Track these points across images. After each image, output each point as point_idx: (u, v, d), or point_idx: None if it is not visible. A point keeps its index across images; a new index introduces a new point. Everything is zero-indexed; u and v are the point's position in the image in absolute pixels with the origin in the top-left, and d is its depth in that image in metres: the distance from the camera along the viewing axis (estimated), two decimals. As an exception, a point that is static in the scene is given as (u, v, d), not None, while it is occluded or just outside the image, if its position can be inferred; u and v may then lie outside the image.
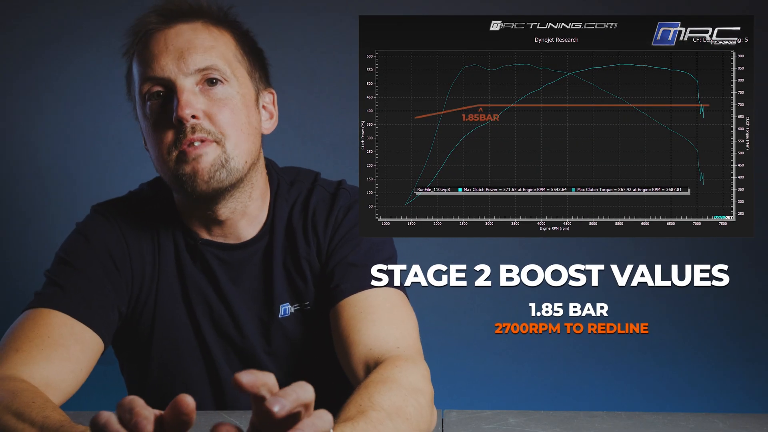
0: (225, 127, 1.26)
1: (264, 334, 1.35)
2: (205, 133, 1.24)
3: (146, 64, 1.26)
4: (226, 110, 1.26)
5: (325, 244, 1.33)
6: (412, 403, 1.07)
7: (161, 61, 1.25)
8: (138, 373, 1.39)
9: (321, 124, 2.47)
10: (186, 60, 1.25)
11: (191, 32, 1.27)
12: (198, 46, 1.26)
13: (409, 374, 1.12)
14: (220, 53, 1.27)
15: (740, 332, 2.56)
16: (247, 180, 1.30)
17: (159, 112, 1.26)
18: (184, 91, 1.24)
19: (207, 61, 1.26)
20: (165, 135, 1.25)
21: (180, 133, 1.24)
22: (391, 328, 1.23)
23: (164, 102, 1.25)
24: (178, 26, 1.27)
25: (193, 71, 1.25)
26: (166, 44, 1.26)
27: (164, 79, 1.25)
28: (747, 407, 2.50)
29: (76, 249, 1.30)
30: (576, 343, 2.52)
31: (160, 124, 1.25)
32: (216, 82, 1.26)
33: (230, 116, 1.26)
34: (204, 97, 1.25)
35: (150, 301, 1.33)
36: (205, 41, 1.27)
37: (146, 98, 1.26)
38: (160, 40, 1.26)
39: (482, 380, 2.56)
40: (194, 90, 1.25)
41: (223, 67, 1.27)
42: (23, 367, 1.15)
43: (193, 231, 1.33)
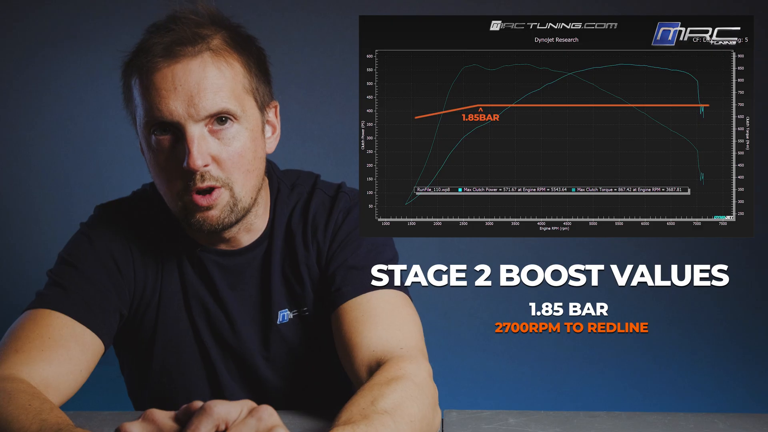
0: (233, 171, 1.23)
1: (262, 340, 1.35)
2: (214, 181, 1.22)
3: (152, 103, 1.21)
4: (234, 153, 1.23)
5: (325, 248, 1.33)
6: (415, 404, 1.07)
7: (170, 103, 1.20)
8: (138, 373, 1.39)
9: (321, 124, 2.47)
10: (196, 105, 1.20)
11: (200, 70, 1.21)
12: (207, 87, 1.20)
13: (412, 375, 1.12)
14: (230, 90, 1.23)
15: (740, 332, 2.56)
16: (255, 203, 1.30)
17: (167, 153, 1.22)
18: (194, 139, 1.20)
19: (218, 105, 1.21)
20: (174, 180, 1.22)
21: (189, 180, 1.21)
22: (393, 329, 1.22)
23: (172, 141, 1.22)
24: (185, 61, 1.21)
25: (203, 117, 1.21)
26: (174, 84, 1.20)
27: (173, 123, 1.20)
28: (747, 407, 2.50)
29: (79, 251, 1.29)
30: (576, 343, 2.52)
31: (167, 166, 1.22)
32: (226, 121, 1.22)
33: (238, 159, 1.23)
34: (213, 138, 1.22)
35: (153, 305, 1.33)
36: (215, 80, 1.21)
37: (151, 131, 1.22)
38: (167, 76, 1.20)
39: (482, 380, 2.57)
40: (204, 134, 1.21)
41: (233, 107, 1.22)
42: (23, 368, 1.15)
43: (192, 239, 1.33)
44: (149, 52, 1.21)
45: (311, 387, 1.38)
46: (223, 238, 1.31)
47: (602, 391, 2.55)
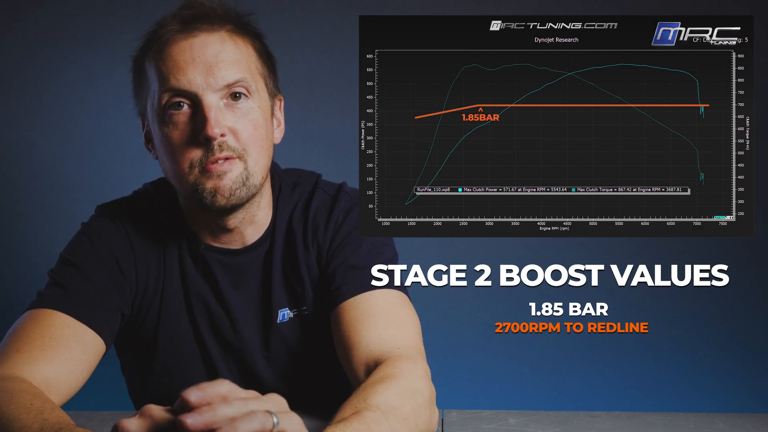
0: (248, 143, 1.25)
1: (263, 339, 1.35)
2: (230, 151, 1.23)
3: (170, 74, 1.23)
4: (249, 126, 1.25)
5: (325, 247, 1.33)
6: (409, 403, 1.07)
7: (188, 73, 1.22)
8: (139, 373, 1.39)
9: (321, 124, 2.47)
10: (215, 74, 1.23)
11: (218, 43, 1.24)
12: (225, 59, 1.24)
13: (408, 374, 1.12)
14: (246, 66, 1.26)
15: (740, 332, 2.56)
16: (260, 192, 1.30)
17: (183, 126, 1.24)
18: (212, 108, 1.22)
19: (235, 76, 1.24)
20: (189, 151, 1.23)
21: (207, 151, 1.23)
22: (391, 329, 1.22)
23: (188, 116, 1.23)
24: (203, 35, 1.24)
25: (221, 86, 1.23)
26: (192, 55, 1.23)
27: (190, 92, 1.22)
28: (747, 407, 2.50)
29: (80, 250, 1.29)
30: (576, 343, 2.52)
31: (184, 139, 1.23)
32: (240, 96, 1.25)
33: (253, 132, 1.25)
34: (229, 111, 1.24)
35: (155, 304, 1.33)
36: (232, 54, 1.25)
37: (166, 108, 1.24)
38: (185, 49, 1.23)
39: (482, 380, 2.56)
40: (220, 105, 1.23)
41: (249, 81, 1.25)
42: (24, 367, 1.15)
43: (197, 236, 1.33)
44: (166, 27, 1.25)
45: (311, 387, 1.38)
46: (227, 229, 1.31)
47: (602, 391, 2.55)
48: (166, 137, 1.25)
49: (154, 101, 1.25)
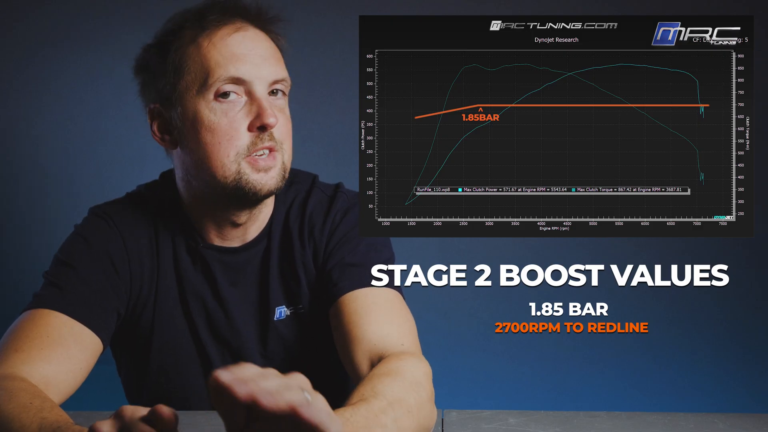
0: (284, 137, 1.28)
1: (260, 337, 1.35)
2: (274, 142, 1.26)
3: (228, 62, 1.24)
4: (286, 121, 1.29)
5: (322, 246, 1.33)
6: (413, 396, 1.08)
7: (246, 63, 1.25)
8: (135, 373, 1.39)
9: (321, 124, 2.47)
10: (267, 68, 1.26)
11: (264, 40, 1.28)
12: (272, 56, 1.27)
13: (413, 369, 1.13)
14: (284, 66, 1.30)
15: (740, 332, 2.56)
16: None
17: (234, 114, 1.25)
18: (265, 98, 1.25)
19: (281, 74, 1.28)
20: (237, 139, 1.24)
21: (256, 138, 1.25)
22: (393, 325, 1.23)
23: (240, 104, 1.25)
24: (251, 29, 1.27)
25: (270, 81, 1.26)
26: (248, 46, 1.26)
27: (246, 81, 1.25)
28: (747, 407, 2.50)
29: (74, 251, 1.29)
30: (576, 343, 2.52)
31: (233, 126, 1.25)
32: (278, 93, 1.28)
33: (289, 128, 1.29)
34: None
35: (149, 304, 1.33)
36: (276, 52, 1.29)
37: (215, 96, 1.25)
38: (239, 40, 1.26)
39: (482, 380, 2.57)
40: (267, 98, 1.27)
41: (287, 80, 1.29)
42: (23, 367, 1.15)
43: (198, 234, 1.33)
44: (211, 22, 1.27)
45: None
46: (236, 224, 1.32)
47: (602, 391, 2.55)
48: (212, 124, 1.25)
49: (204, 86, 1.25)
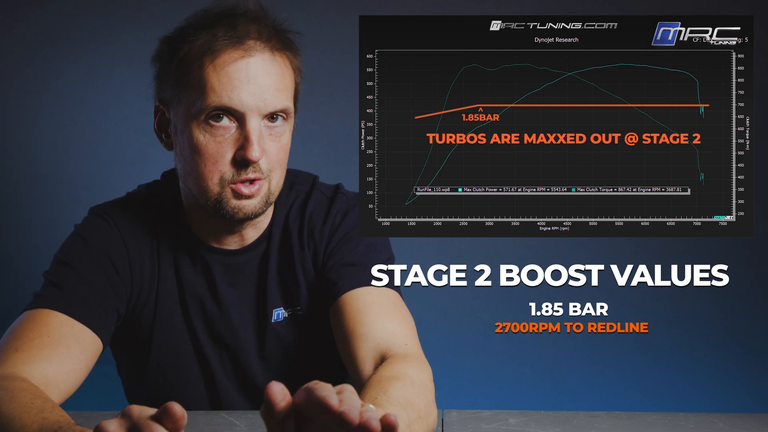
0: (275, 165, 1.27)
1: (258, 339, 1.35)
2: (259, 173, 1.25)
3: (223, 90, 1.23)
4: (280, 149, 1.27)
5: (322, 247, 1.33)
6: (422, 400, 1.09)
7: (242, 93, 1.23)
8: (135, 373, 1.39)
9: (321, 124, 2.47)
10: (266, 100, 1.23)
11: (271, 66, 1.25)
12: (275, 85, 1.25)
13: (419, 372, 1.14)
14: (289, 90, 1.27)
15: (740, 332, 2.57)
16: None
17: (222, 140, 1.24)
18: (256, 131, 1.23)
19: (282, 104, 1.25)
20: (221, 164, 1.24)
21: (241, 169, 1.24)
22: (396, 324, 1.23)
23: (230, 130, 1.24)
24: (258, 55, 1.24)
25: (268, 112, 1.24)
26: (248, 75, 1.23)
27: (239, 112, 1.23)
28: (747, 407, 2.50)
29: (74, 251, 1.29)
30: (576, 343, 2.53)
31: (219, 151, 1.24)
32: (278, 118, 1.26)
33: (282, 155, 1.27)
34: (266, 132, 1.25)
35: (150, 304, 1.33)
36: (281, 79, 1.26)
37: (206, 117, 1.24)
38: (241, 68, 1.23)
39: (482, 380, 2.57)
40: (262, 129, 1.24)
41: (290, 107, 1.27)
42: (23, 366, 1.15)
43: (197, 237, 1.33)
44: (220, 40, 1.24)
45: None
46: (233, 231, 1.32)
47: (602, 391, 2.55)
48: (200, 144, 1.24)
49: (196, 106, 1.24)
